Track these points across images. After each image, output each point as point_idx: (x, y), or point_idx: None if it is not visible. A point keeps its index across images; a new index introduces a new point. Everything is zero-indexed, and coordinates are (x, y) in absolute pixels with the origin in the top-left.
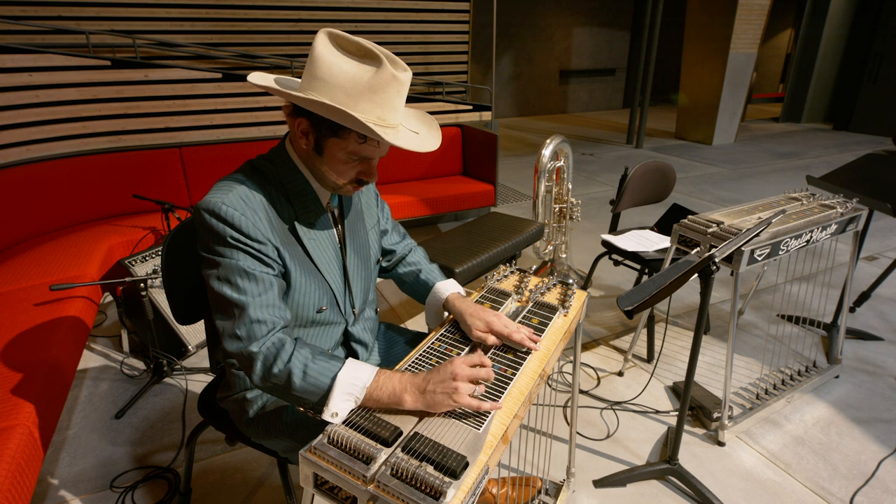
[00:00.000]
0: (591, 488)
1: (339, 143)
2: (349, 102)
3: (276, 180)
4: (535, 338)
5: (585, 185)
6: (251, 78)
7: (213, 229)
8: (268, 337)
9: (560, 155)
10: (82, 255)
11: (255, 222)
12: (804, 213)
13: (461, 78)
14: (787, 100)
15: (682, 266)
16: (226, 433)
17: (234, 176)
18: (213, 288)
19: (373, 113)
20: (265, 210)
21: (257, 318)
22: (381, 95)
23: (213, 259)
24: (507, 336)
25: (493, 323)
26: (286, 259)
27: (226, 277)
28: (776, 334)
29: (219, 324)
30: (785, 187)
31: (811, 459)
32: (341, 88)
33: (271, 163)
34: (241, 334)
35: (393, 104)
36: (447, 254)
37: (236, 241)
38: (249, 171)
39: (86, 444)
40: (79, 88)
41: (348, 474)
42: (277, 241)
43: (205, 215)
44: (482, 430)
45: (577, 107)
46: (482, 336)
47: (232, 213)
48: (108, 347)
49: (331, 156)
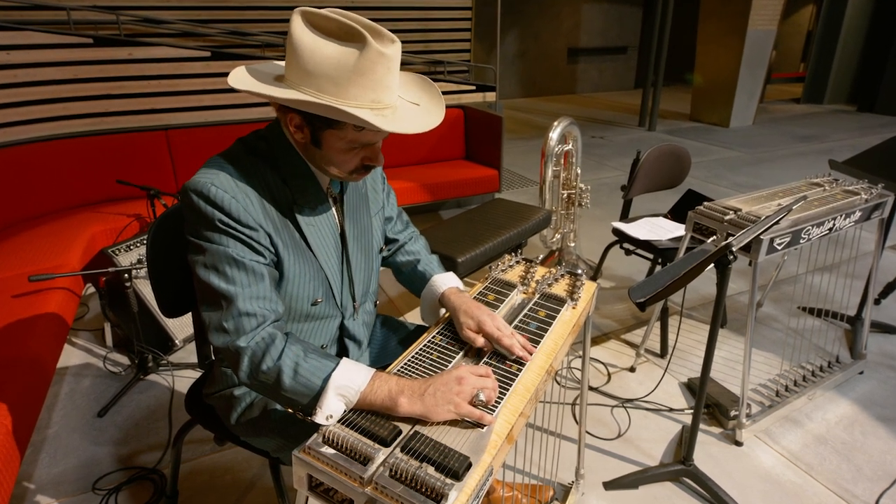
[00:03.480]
0: (601, 491)
1: (337, 133)
2: (338, 91)
3: (272, 161)
4: (529, 347)
5: (595, 169)
6: (232, 81)
7: (201, 212)
8: (257, 331)
9: (568, 138)
10: (63, 243)
11: (246, 206)
12: (826, 200)
13: (463, 56)
14: (808, 80)
15: (698, 255)
16: (214, 432)
17: (226, 155)
18: (200, 276)
19: (365, 98)
20: (258, 193)
21: (246, 311)
22: (371, 77)
23: (200, 244)
24: (497, 340)
25: (484, 323)
26: (279, 247)
27: (213, 265)
28: (797, 328)
29: (205, 315)
30: (806, 172)
31: (834, 460)
32: (327, 77)
33: (266, 141)
34: (228, 327)
35: (385, 83)
36: (449, 243)
37: (226, 225)
38: (242, 151)
39: (66, 444)
40: (59, 68)
41: (344, 476)
42: (270, 228)
43: (192, 196)
44: (486, 429)
45: (587, 87)
46: (471, 336)
47: (222, 196)
48: (91, 342)
49: (329, 147)
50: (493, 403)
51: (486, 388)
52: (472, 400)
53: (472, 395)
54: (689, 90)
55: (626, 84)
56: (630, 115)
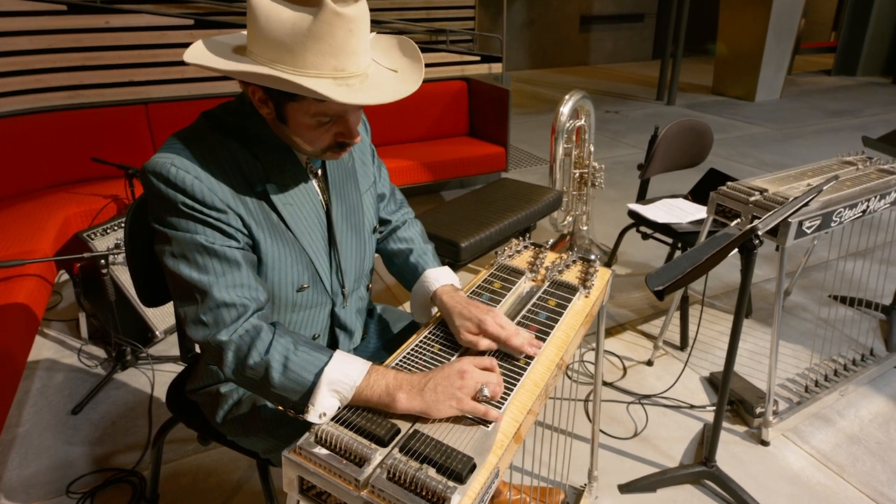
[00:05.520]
0: (616, 494)
1: (299, 106)
2: (296, 61)
3: (240, 135)
4: (536, 343)
5: (610, 147)
6: (187, 56)
7: (162, 196)
8: (239, 323)
9: (580, 113)
10: (34, 227)
11: (211, 186)
12: (860, 180)
13: (467, 25)
14: (840, 50)
15: (721, 240)
16: (198, 431)
17: (188, 131)
18: (169, 267)
19: (326, 65)
20: (225, 172)
21: (224, 301)
22: (329, 42)
23: (165, 232)
24: (505, 340)
25: (485, 322)
26: (252, 228)
27: (182, 254)
28: (827, 318)
29: (180, 309)
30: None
31: (868, 461)
32: (283, 46)
33: (236, 116)
34: (206, 320)
35: (348, 47)
36: (451, 226)
37: (190, 209)
38: (206, 126)
39: (38, 444)
40: (30, 37)
41: (338, 478)
42: (241, 209)
43: (152, 179)
44: (491, 428)
45: (601, 58)
46: (471, 340)
47: (183, 177)
48: (64, 333)
49: (296, 122)
50: (498, 399)
51: (491, 383)
52: (475, 395)
53: (476, 391)
54: (712, 61)
55: (643, 54)
56: (647, 88)
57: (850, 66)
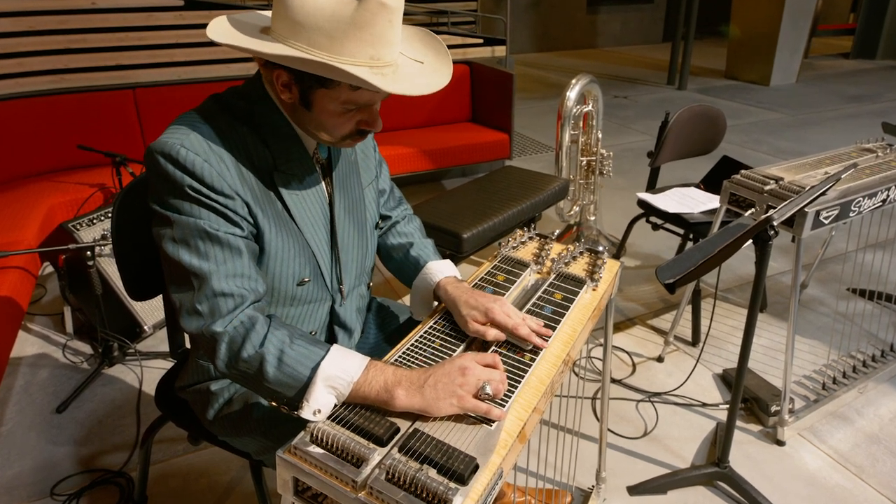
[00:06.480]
0: (625, 496)
1: (329, 93)
2: (332, 46)
3: (250, 120)
4: (544, 332)
5: (618, 133)
6: (211, 34)
7: (169, 177)
8: (235, 314)
9: (588, 98)
10: (17, 217)
11: (220, 171)
12: (880, 168)
13: (470, 6)
14: (858, 32)
15: (734, 231)
16: (188, 430)
17: (198, 112)
18: (168, 252)
19: (364, 53)
20: (235, 157)
21: (222, 291)
22: (370, 31)
23: (167, 215)
24: (512, 329)
25: (493, 311)
26: (258, 217)
27: (183, 239)
28: (846, 312)
29: (175, 297)
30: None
31: (888, 461)
32: (320, 30)
33: (246, 100)
34: (202, 310)
35: (386, 38)
36: (453, 216)
37: (197, 192)
38: (216, 109)
39: (21, 444)
40: (13, 18)
41: (335, 479)
42: (248, 196)
43: (159, 159)
44: (495, 427)
45: (608, 40)
46: (479, 330)
47: (193, 159)
48: (49, 328)
49: (322, 108)
50: (501, 397)
51: (493, 381)
52: (477, 393)
53: (478, 388)
54: (725, 44)
55: (653, 37)
56: (657, 72)
57: (869, 49)
